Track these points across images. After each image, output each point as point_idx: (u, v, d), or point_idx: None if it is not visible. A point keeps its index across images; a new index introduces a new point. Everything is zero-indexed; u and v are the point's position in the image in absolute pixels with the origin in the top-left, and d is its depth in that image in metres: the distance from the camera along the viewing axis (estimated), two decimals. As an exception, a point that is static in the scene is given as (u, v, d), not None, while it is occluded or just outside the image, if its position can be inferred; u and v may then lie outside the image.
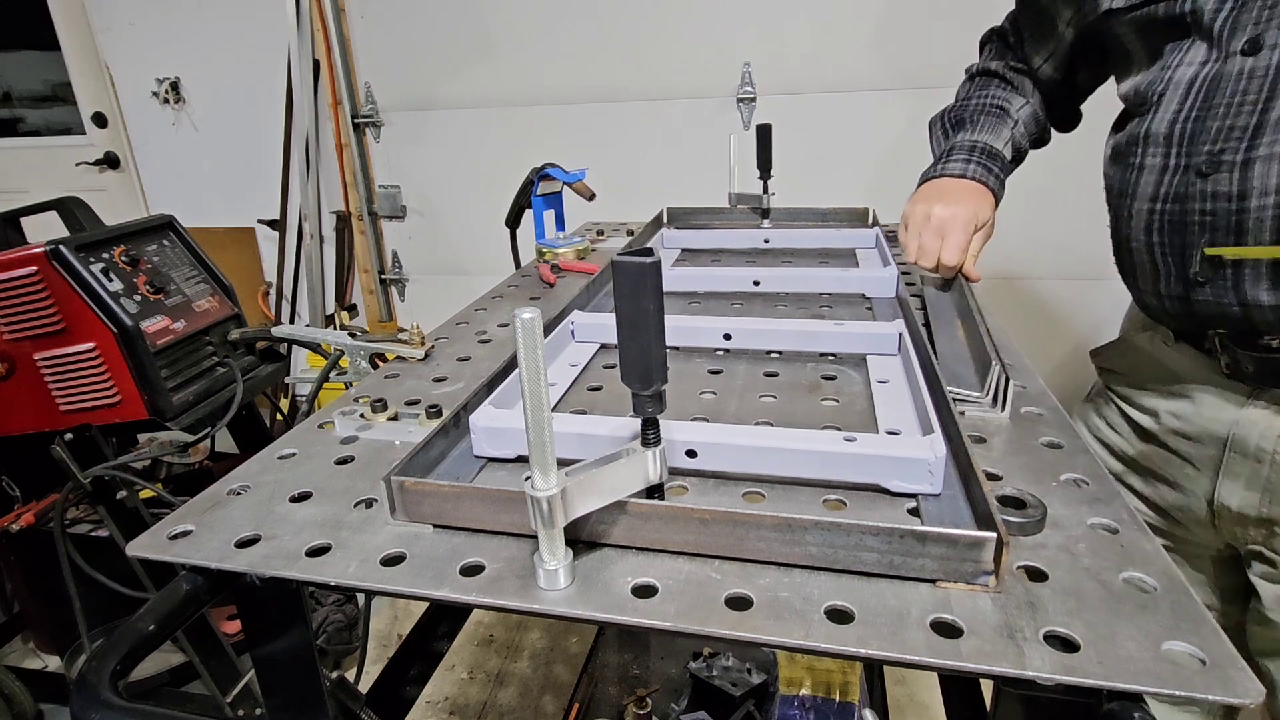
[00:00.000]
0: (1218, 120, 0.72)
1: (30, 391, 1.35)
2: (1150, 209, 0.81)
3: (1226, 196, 0.72)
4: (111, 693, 0.46)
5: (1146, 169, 0.80)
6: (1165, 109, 0.78)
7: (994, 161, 1.01)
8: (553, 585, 0.48)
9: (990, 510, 0.47)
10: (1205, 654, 0.40)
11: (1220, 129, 0.72)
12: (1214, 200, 0.73)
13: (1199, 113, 0.74)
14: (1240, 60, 0.71)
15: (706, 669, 1.34)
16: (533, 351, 0.43)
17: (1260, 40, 0.70)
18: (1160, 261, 0.81)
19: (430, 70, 2.64)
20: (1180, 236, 0.78)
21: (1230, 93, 0.71)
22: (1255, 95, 0.70)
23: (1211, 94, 0.73)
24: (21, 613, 1.88)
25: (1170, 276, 0.81)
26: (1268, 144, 0.69)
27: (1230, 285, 0.75)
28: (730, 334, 0.89)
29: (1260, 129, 0.70)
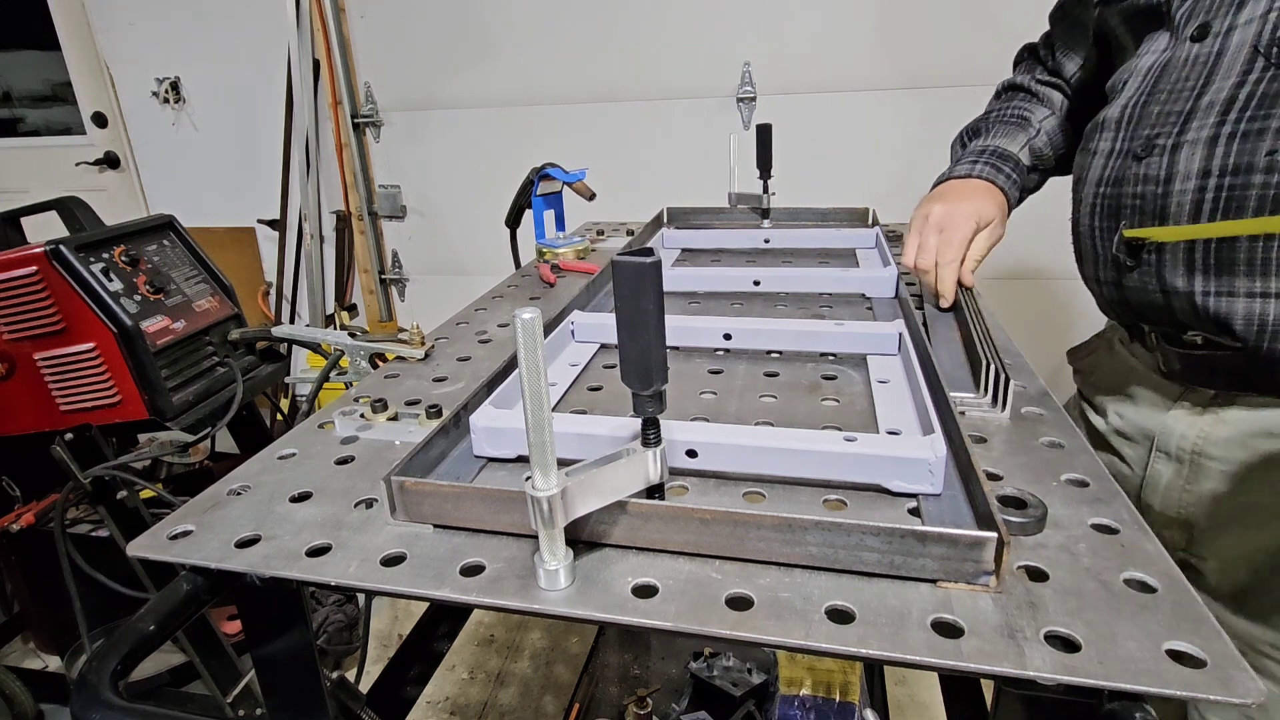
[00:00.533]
0: (1159, 105, 0.74)
1: (30, 391, 1.35)
2: (1095, 193, 0.82)
3: (1155, 180, 0.73)
4: (112, 693, 0.46)
5: (1098, 154, 0.82)
6: (1123, 95, 0.79)
7: (1004, 162, 0.99)
8: (553, 585, 0.48)
9: (991, 510, 0.47)
10: (1206, 654, 0.40)
11: (1160, 114, 0.74)
12: (1144, 184, 0.74)
13: (1146, 98, 0.76)
14: (1189, 46, 0.72)
15: (707, 669, 1.34)
16: (533, 351, 0.43)
17: (1208, 26, 0.71)
18: (1099, 246, 0.82)
19: (430, 70, 2.64)
20: (1114, 220, 0.79)
21: (1175, 79, 0.73)
22: (1194, 81, 0.71)
23: (1159, 79, 0.75)
24: (21, 613, 1.88)
25: (1105, 262, 0.82)
26: (1196, 129, 0.70)
27: (1153, 270, 0.76)
28: (730, 334, 0.89)
29: (1192, 114, 0.71)
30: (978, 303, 0.91)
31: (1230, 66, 0.69)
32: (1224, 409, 0.80)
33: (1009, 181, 0.99)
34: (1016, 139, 1.03)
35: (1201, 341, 0.76)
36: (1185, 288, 0.73)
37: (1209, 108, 0.69)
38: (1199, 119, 0.70)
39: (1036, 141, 1.04)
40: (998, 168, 0.99)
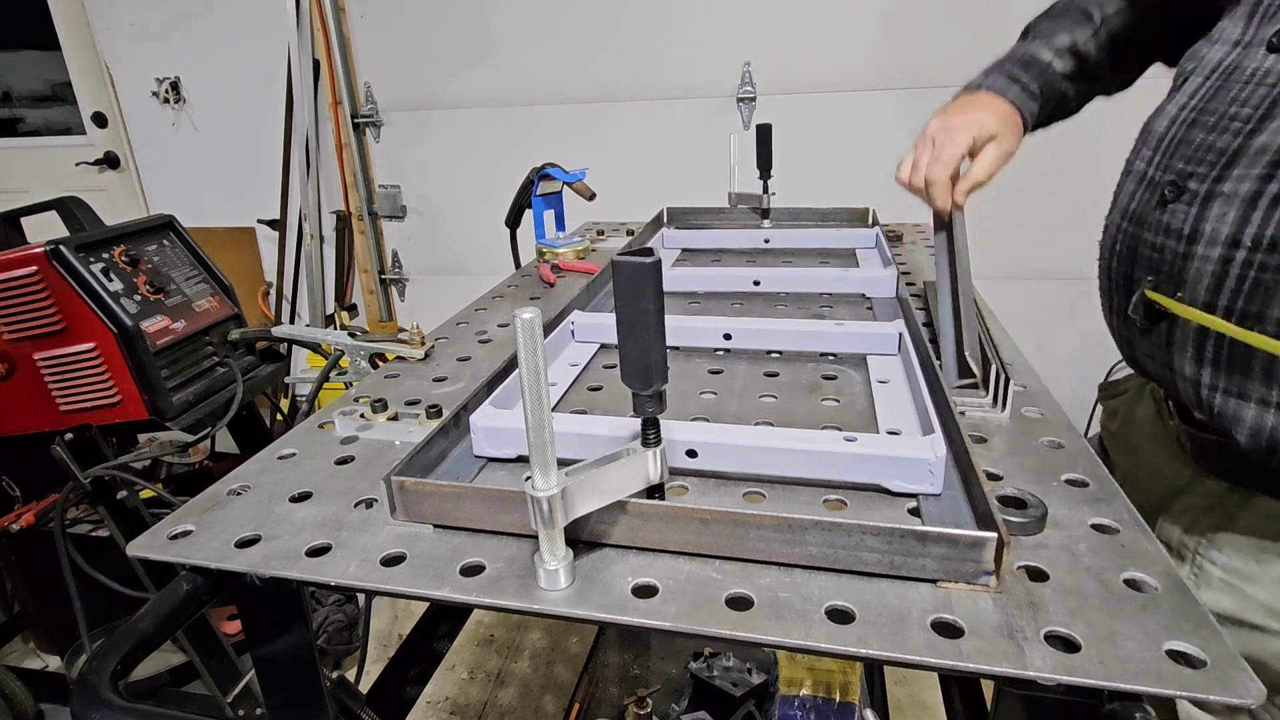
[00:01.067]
0: (1204, 131, 0.58)
1: (30, 391, 1.35)
2: (1117, 225, 0.68)
3: (1178, 235, 0.59)
4: (112, 693, 0.46)
5: (1132, 174, 0.68)
6: (1177, 99, 0.63)
7: (1026, 70, 0.84)
8: (553, 585, 0.48)
9: (991, 510, 0.47)
10: (1206, 654, 0.40)
11: (1202, 145, 0.58)
12: (1165, 234, 0.60)
13: (1195, 116, 0.60)
14: (1261, 55, 0.55)
15: (707, 669, 1.34)
16: (533, 351, 0.43)
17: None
18: (1113, 291, 0.69)
19: (430, 70, 2.64)
20: (1130, 267, 0.66)
21: (1232, 97, 0.56)
22: (1253, 108, 0.55)
23: (1214, 94, 0.59)
24: (21, 613, 1.88)
25: (1117, 311, 0.69)
26: (1237, 177, 0.55)
27: (1162, 342, 0.63)
28: (730, 334, 0.89)
29: (1239, 155, 0.55)
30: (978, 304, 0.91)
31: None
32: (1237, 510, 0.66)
33: (1023, 93, 0.84)
34: (1056, 40, 0.86)
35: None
36: (1191, 374, 0.61)
37: (1259, 152, 0.53)
38: (1244, 164, 0.54)
39: (1087, 44, 0.85)
40: (1014, 78, 0.85)
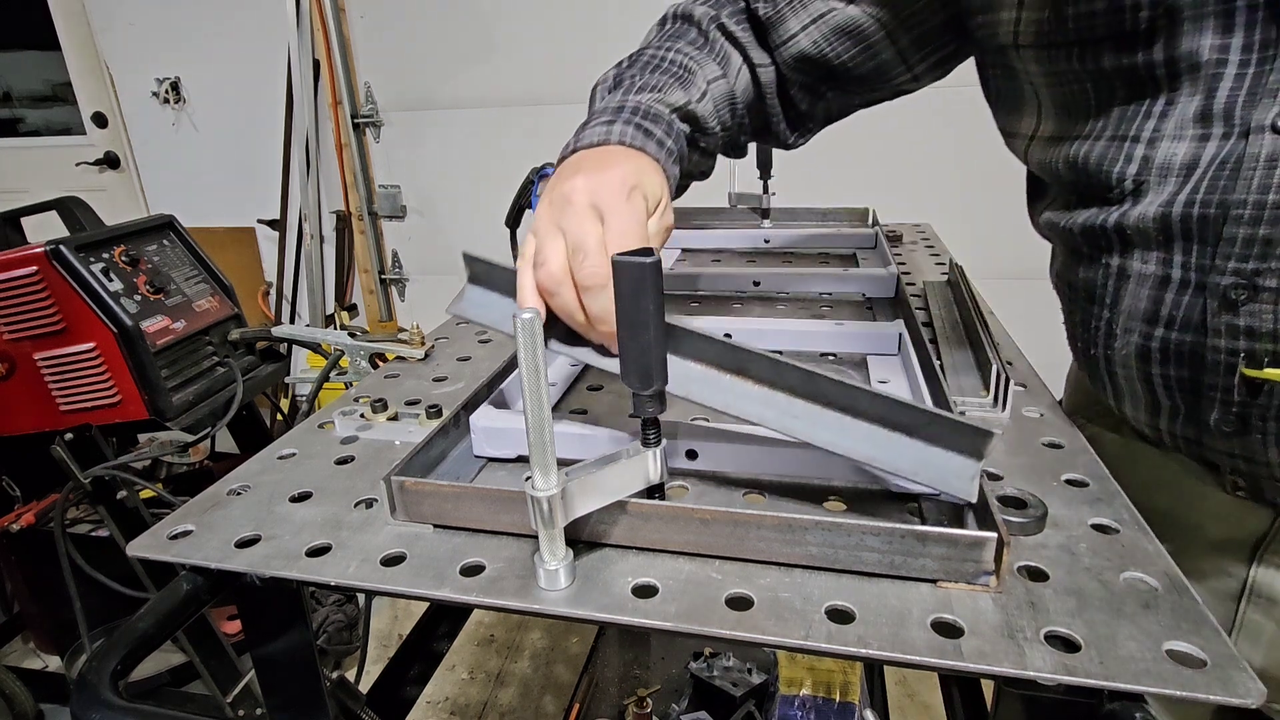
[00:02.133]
0: (1243, 226, 0.50)
1: (30, 391, 1.35)
2: (1147, 333, 0.58)
3: (1271, 335, 0.51)
4: (112, 693, 0.46)
5: (1134, 277, 0.57)
6: (1153, 198, 0.54)
7: (655, 123, 0.66)
8: (553, 585, 0.48)
9: (991, 510, 0.47)
10: (1206, 654, 0.40)
11: (1250, 239, 0.50)
12: (1250, 339, 0.51)
13: (1213, 212, 0.51)
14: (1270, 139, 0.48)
15: (707, 669, 1.34)
16: (533, 351, 0.43)
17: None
18: (1164, 396, 0.60)
19: (430, 70, 2.65)
20: (1198, 375, 0.56)
21: (1258, 185, 0.49)
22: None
23: (1229, 186, 0.50)
24: (21, 613, 1.88)
25: (1179, 416, 0.59)
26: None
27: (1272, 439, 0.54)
28: (730, 334, 0.89)
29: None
30: (978, 301, 0.91)
31: None
32: None
33: (664, 153, 0.65)
34: (669, 94, 0.70)
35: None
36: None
37: None
38: None
39: (700, 107, 0.71)
40: (647, 131, 0.65)
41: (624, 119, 0.65)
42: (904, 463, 0.50)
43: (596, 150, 0.62)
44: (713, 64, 0.75)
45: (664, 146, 0.65)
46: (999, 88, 0.69)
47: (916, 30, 0.72)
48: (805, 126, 0.85)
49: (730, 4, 0.78)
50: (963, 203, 2.29)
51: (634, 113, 0.66)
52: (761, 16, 0.76)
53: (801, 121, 0.84)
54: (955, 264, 1.08)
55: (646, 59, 0.74)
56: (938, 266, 1.22)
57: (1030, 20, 0.57)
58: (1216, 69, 0.49)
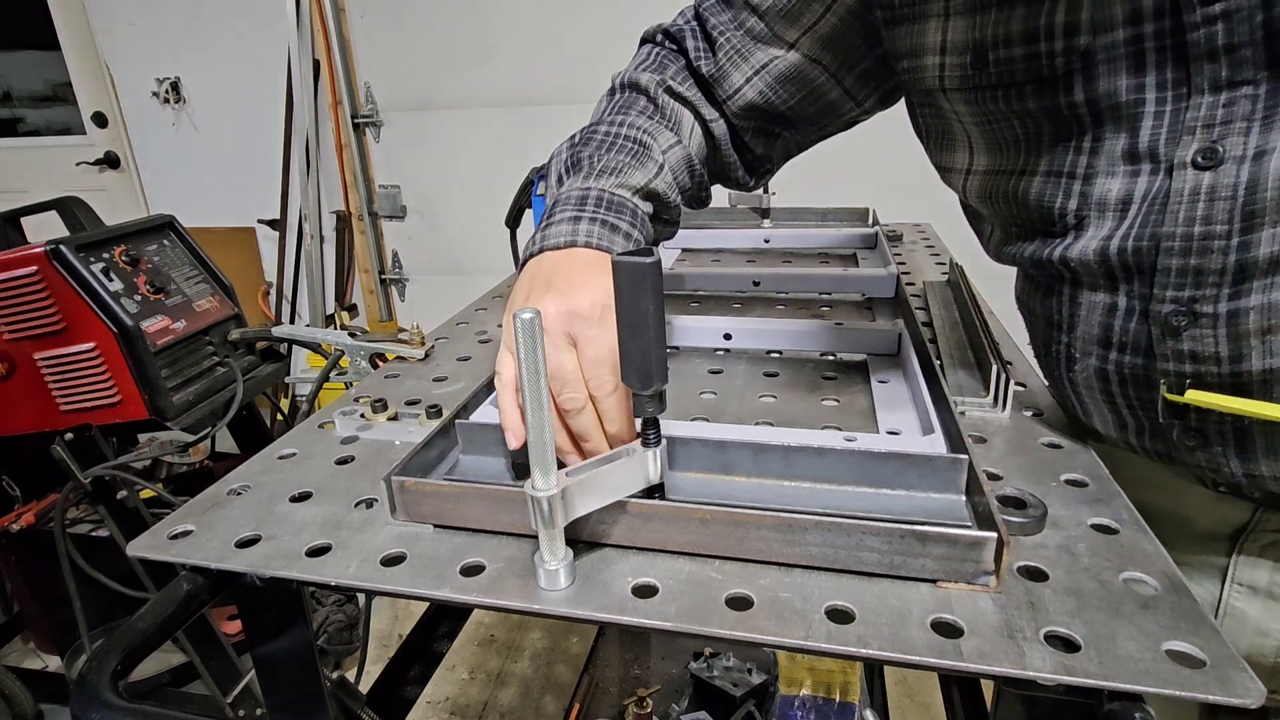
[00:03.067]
0: (1177, 258, 0.51)
1: (30, 391, 1.35)
2: (1103, 356, 0.59)
3: (1213, 359, 0.52)
4: (112, 693, 0.46)
5: (1085, 304, 0.59)
6: (1094, 232, 0.55)
7: (621, 215, 0.67)
8: (553, 585, 0.48)
9: (991, 510, 0.47)
10: (1205, 654, 0.40)
11: (1185, 269, 0.51)
12: (1195, 362, 0.53)
13: (1146, 244, 0.52)
14: (1192, 175, 0.49)
15: (707, 669, 1.34)
16: (533, 351, 0.43)
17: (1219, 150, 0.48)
18: (1128, 415, 0.60)
19: (430, 70, 2.65)
20: (1152, 393, 0.57)
21: (1185, 219, 0.50)
22: (1226, 223, 0.48)
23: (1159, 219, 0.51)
24: (21, 613, 1.88)
25: (1145, 432, 0.60)
26: (1261, 289, 0.49)
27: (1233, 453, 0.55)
28: (730, 334, 0.89)
29: (1246, 271, 0.49)
30: (978, 301, 0.91)
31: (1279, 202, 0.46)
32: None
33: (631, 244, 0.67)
34: (630, 177, 0.70)
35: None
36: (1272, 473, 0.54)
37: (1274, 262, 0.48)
38: (1261, 276, 0.48)
39: (659, 182, 0.72)
40: (613, 226, 0.66)
41: (589, 215, 0.66)
42: (896, 509, 0.53)
43: (563, 256, 0.64)
44: (666, 132, 0.76)
45: (630, 239, 0.66)
46: (928, 125, 0.69)
47: (858, 68, 0.75)
48: (764, 168, 0.87)
49: (673, 63, 0.80)
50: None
51: (598, 204, 0.67)
52: (705, 74, 0.77)
53: (759, 164, 0.86)
54: (955, 264, 1.08)
55: (601, 136, 0.75)
56: (938, 266, 1.22)
57: (954, 65, 0.59)
58: (1136, 108, 0.50)
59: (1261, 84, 0.45)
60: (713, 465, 0.59)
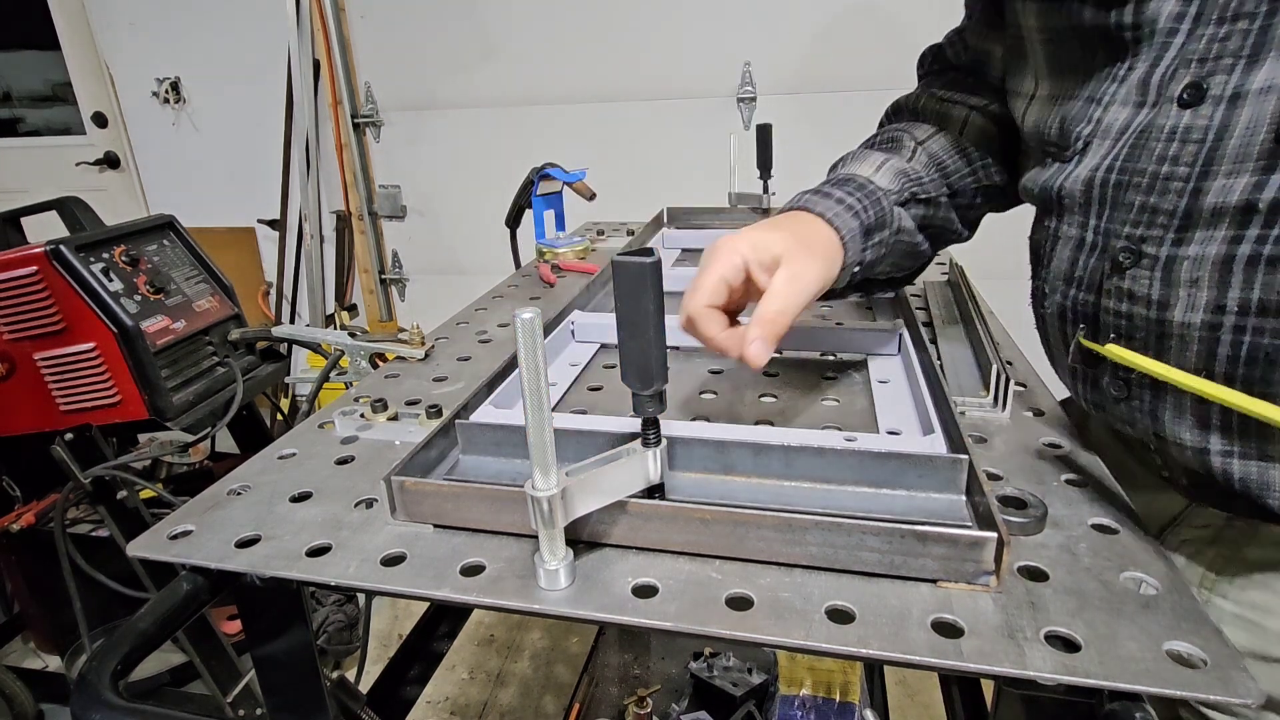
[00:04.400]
0: (1140, 193, 0.52)
1: (30, 391, 1.35)
2: (1065, 292, 0.60)
3: (1145, 301, 0.52)
4: (112, 693, 0.46)
5: (1061, 239, 0.60)
6: (1087, 162, 0.57)
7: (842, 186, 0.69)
8: (553, 585, 0.48)
9: (991, 510, 0.47)
10: (1206, 654, 0.40)
11: (1143, 206, 0.52)
12: (1130, 302, 0.54)
13: (1120, 177, 0.54)
14: (1174, 111, 0.50)
15: (707, 669, 1.34)
16: (533, 351, 0.43)
17: (1202, 88, 0.48)
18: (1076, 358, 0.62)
19: (430, 70, 2.64)
20: (1094, 330, 0.58)
21: (1158, 156, 0.50)
22: (1188, 167, 0.49)
23: (1134, 151, 0.52)
24: (21, 613, 1.88)
25: (1087, 381, 0.61)
26: (1200, 240, 0.49)
27: (1146, 409, 0.56)
28: (730, 334, 0.89)
29: (1192, 217, 0.49)
30: (978, 301, 0.91)
31: (1240, 152, 0.46)
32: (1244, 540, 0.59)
33: (841, 208, 0.66)
34: (871, 162, 0.72)
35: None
36: (1195, 441, 0.53)
37: (1216, 214, 0.48)
38: (1203, 227, 0.49)
39: (910, 164, 0.73)
40: (825, 194, 0.67)
41: (812, 190, 0.69)
42: (896, 509, 0.54)
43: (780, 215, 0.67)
44: (924, 125, 0.77)
45: (845, 205, 0.67)
46: (1010, 47, 0.70)
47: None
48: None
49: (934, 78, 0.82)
50: (963, 203, 2.29)
51: (828, 183, 0.70)
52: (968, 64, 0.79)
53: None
54: (955, 264, 1.08)
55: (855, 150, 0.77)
56: (938, 266, 1.22)
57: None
58: (1167, 37, 0.51)
59: (1258, 18, 0.46)
60: (713, 465, 0.59)
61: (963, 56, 0.80)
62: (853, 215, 0.66)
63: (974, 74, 0.79)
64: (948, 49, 0.82)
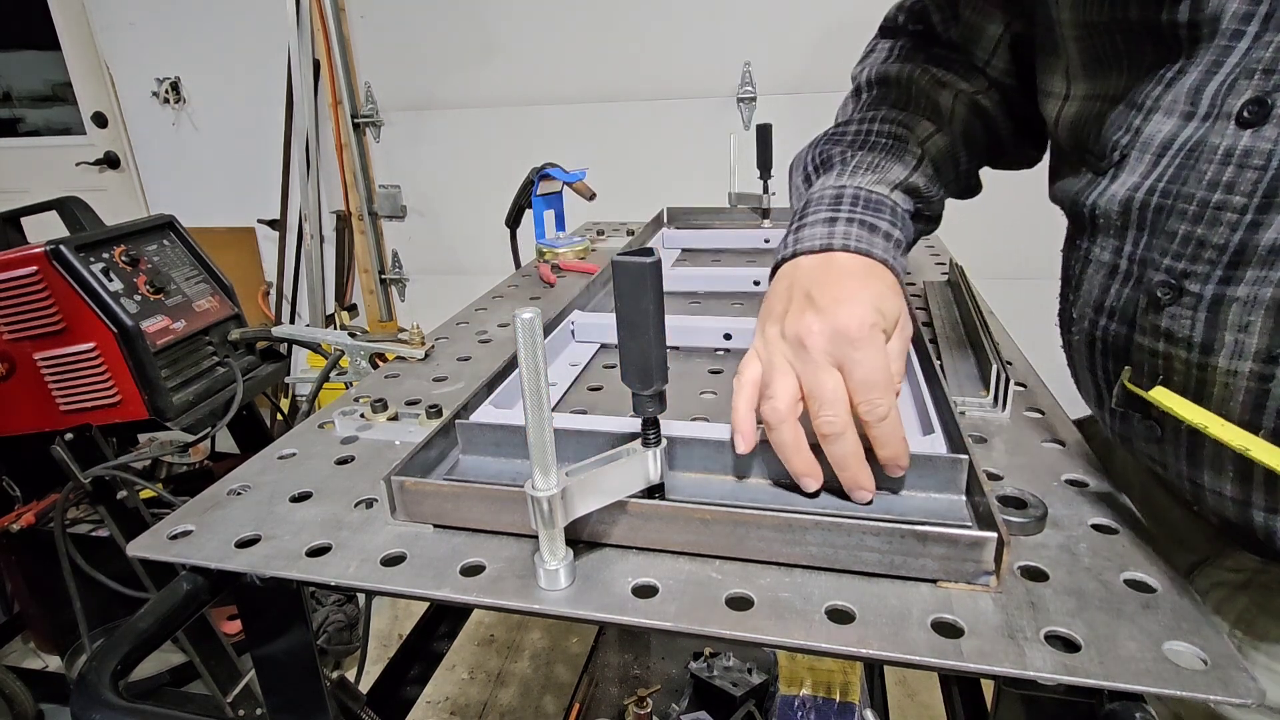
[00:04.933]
0: (1185, 222, 0.46)
1: (30, 391, 1.35)
2: (1093, 321, 0.55)
3: (1186, 343, 0.47)
4: (112, 693, 0.46)
5: (1093, 263, 0.55)
6: (1126, 177, 0.50)
7: (880, 214, 0.64)
8: (553, 585, 0.48)
9: (991, 510, 0.47)
10: (1206, 654, 0.40)
11: (1188, 237, 0.46)
12: (1168, 342, 0.48)
13: (1163, 199, 0.47)
14: (1232, 131, 0.43)
15: (707, 669, 1.34)
16: (533, 351, 0.43)
17: (1269, 104, 0.42)
18: (1105, 391, 0.57)
19: (430, 70, 2.65)
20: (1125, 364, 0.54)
21: (1209, 181, 0.44)
22: (1245, 195, 0.43)
23: (1183, 172, 0.46)
24: (21, 613, 1.88)
25: (1115, 414, 0.56)
26: (1252, 281, 0.43)
27: (1183, 454, 0.50)
28: (730, 334, 0.89)
29: (1245, 254, 0.43)
30: (978, 301, 0.91)
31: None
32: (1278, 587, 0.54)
33: (892, 245, 0.62)
34: (888, 173, 0.67)
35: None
36: (1235, 494, 0.48)
37: (1275, 252, 0.42)
38: (1258, 266, 0.43)
39: (916, 178, 0.68)
40: (872, 226, 0.62)
41: (845, 215, 0.63)
42: (896, 509, 0.54)
43: (821, 263, 0.60)
44: (923, 121, 0.71)
45: (891, 239, 0.62)
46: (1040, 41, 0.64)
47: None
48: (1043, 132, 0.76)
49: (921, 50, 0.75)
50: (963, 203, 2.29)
51: (854, 203, 0.64)
52: (957, 41, 0.72)
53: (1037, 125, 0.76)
54: (955, 264, 1.08)
55: (853, 134, 0.71)
56: (938, 266, 1.22)
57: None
58: (1230, 40, 0.44)
59: None
60: (713, 465, 0.59)
61: (951, 29, 0.73)
62: (897, 250, 0.63)
63: (960, 50, 0.73)
64: (934, 13, 0.74)
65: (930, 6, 0.75)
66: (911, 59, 0.74)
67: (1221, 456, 0.48)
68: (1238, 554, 0.56)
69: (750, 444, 0.55)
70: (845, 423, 0.51)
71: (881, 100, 0.75)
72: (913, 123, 0.71)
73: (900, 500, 0.55)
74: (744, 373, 0.56)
